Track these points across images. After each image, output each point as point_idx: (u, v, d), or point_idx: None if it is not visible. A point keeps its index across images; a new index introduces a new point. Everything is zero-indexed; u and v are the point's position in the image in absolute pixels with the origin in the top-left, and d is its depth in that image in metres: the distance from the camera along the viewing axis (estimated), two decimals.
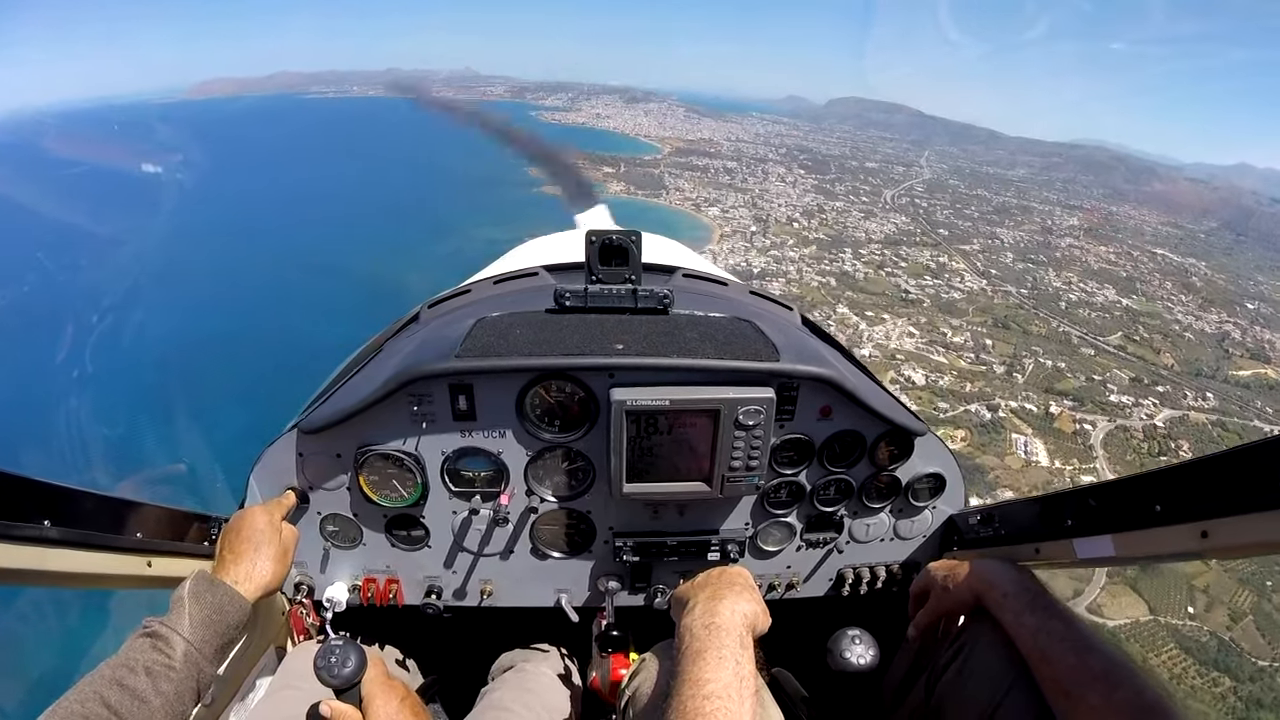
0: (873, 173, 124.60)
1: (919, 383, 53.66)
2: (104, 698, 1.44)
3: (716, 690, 1.38)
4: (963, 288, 74.01)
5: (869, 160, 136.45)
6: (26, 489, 1.53)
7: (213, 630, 1.70)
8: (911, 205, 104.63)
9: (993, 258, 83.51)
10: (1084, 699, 1.46)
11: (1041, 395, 53.75)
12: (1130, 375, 56.92)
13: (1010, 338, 62.63)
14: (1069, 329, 65.32)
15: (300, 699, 1.96)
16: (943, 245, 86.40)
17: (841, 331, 57.64)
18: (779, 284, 68.41)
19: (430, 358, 2.01)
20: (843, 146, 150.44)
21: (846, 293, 70.03)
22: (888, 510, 2.48)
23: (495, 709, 2.26)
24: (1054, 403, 52.39)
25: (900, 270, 77.35)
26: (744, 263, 74.72)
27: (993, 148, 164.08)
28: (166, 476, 28.23)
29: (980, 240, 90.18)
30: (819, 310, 62.85)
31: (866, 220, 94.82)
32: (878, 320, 64.15)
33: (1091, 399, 53.10)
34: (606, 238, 2.21)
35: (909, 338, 61.45)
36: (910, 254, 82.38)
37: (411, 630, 2.84)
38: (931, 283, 74.42)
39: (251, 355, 44.55)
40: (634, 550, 2.34)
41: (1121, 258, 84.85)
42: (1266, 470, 1.26)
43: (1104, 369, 57.84)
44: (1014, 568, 1.87)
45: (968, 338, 62.17)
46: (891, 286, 72.57)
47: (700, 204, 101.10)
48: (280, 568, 2.00)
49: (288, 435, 2.16)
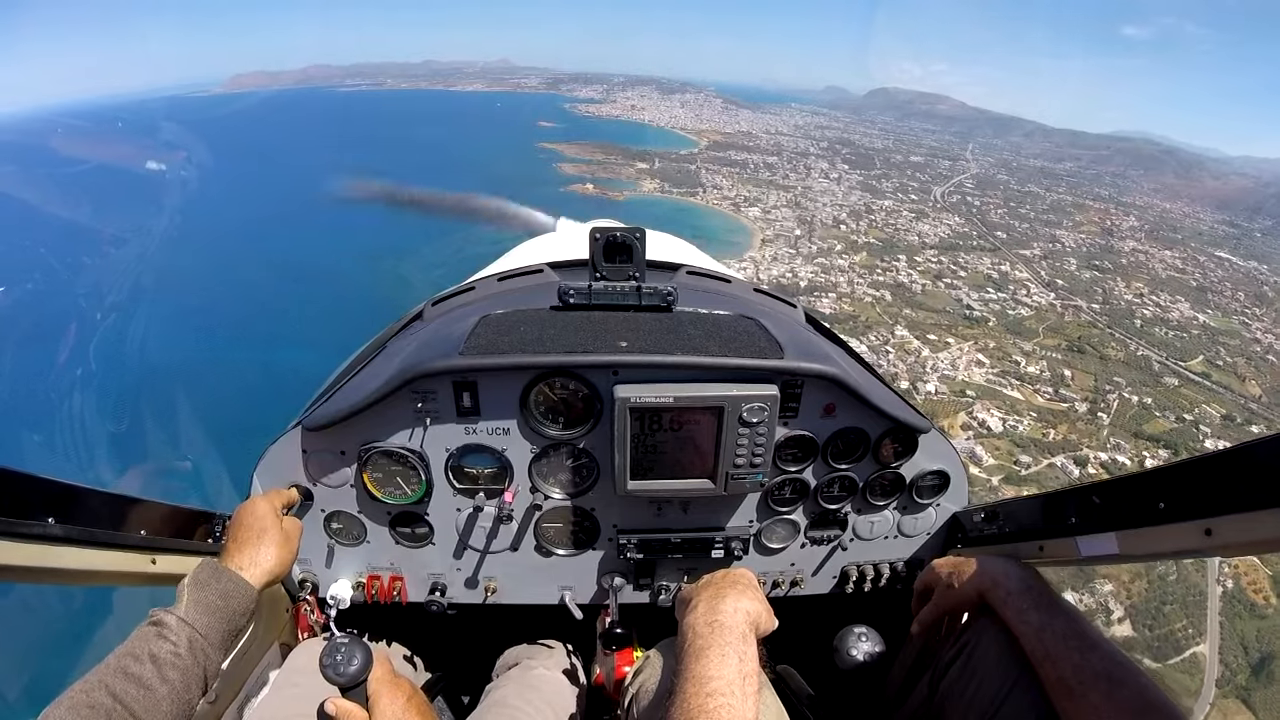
0: (919, 167, 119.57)
1: (995, 429, 46.97)
2: (110, 687, 1.43)
3: (720, 687, 1.40)
4: (1030, 302, 67.48)
5: (913, 154, 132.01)
6: (30, 486, 1.55)
7: (218, 617, 1.68)
8: (963, 204, 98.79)
9: (1056, 265, 77.87)
10: (1086, 697, 1.47)
11: (1132, 441, 47.33)
12: (1221, 412, 50.87)
13: (1088, 365, 56.08)
14: (1148, 352, 59.07)
15: (305, 697, 1.95)
16: (1002, 251, 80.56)
17: (903, 360, 53.29)
18: (829, 300, 62.97)
19: (434, 355, 2.01)
20: (885, 139, 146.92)
21: (904, 310, 63.72)
22: (892, 507, 2.48)
23: (500, 706, 2.27)
24: (1146, 451, 45.99)
25: (960, 281, 71.16)
26: (789, 273, 68.95)
27: (1038, 140, 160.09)
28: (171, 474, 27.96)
29: (1040, 244, 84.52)
30: (874, 333, 57.67)
31: (918, 222, 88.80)
32: (941, 345, 57.10)
33: (1185, 444, 46.19)
34: (611, 235, 2.20)
35: (978, 367, 54.47)
36: (969, 261, 76.18)
37: (416, 628, 2.83)
38: (995, 296, 67.88)
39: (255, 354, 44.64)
40: (638, 547, 2.34)
41: (1188, 263, 79.67)
42: (1271, 468, 1.27)
43: (1191, 403, 51.70)
44: (1018, 565, 1.87)
45: (1043, 367, 55.35)
46: (952, 301, 66.31)
47: (739, 203, 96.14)
48: (285, 554, 1.96)
49: (291, 433, 2.16)
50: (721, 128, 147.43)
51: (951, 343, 57.64)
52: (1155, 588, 32.68)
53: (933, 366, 53.24)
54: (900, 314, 62.77)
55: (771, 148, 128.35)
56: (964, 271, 73.53)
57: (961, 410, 48.04)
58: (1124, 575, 32.73)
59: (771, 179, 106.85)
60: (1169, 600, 32.22)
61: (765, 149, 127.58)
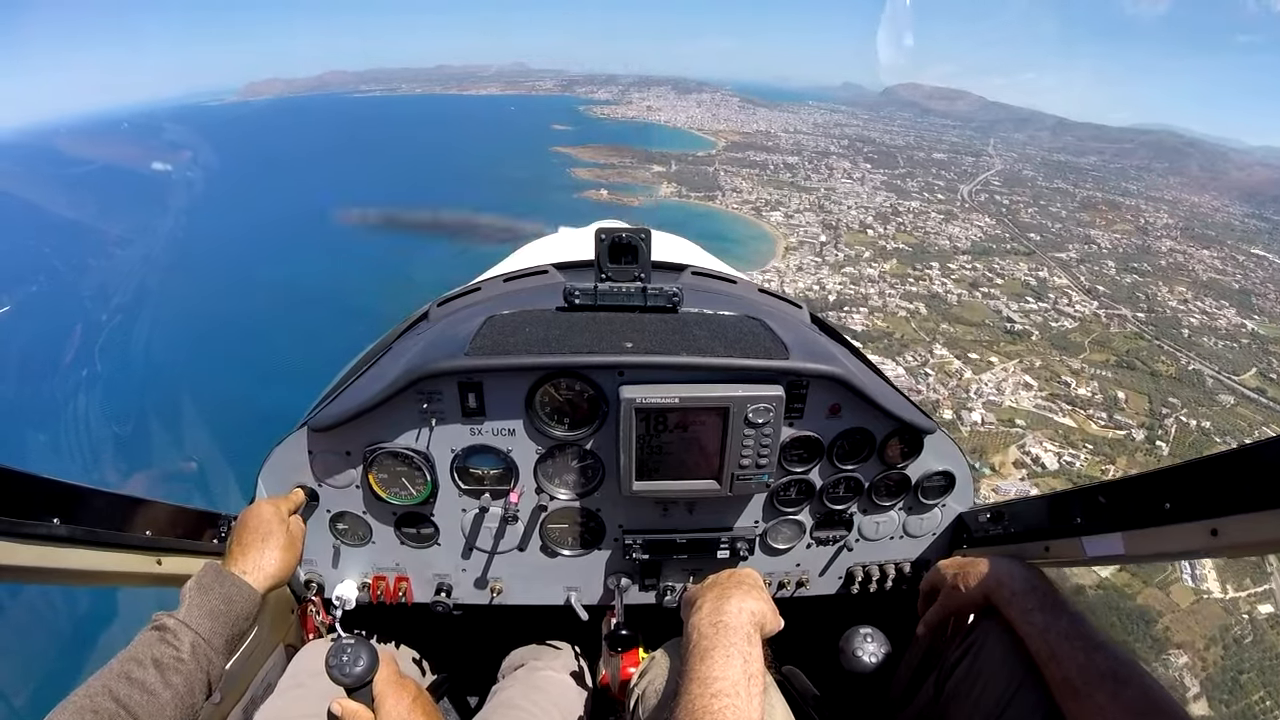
0: (942, 165, 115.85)
1: (1050, 465, 42.32)
2: (113, 692, 1.44)
3: (724, 688, 1.40)
4: (1073, 312, 63.47)
5: (936, 150, 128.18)
6: (36, 487, 1.55)
7: (221, 621, 1.69)
8: (992, 203, 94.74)
9: (1095, 269, 73.92)
10: (1092, 698, 1.47)
11: None
12: None
13: (1140, 383, 52.02)
14: (1199, 365, 55.34)
15: (311, 698, 1.97)
16: (1037, 254, 76.67)
17: (944, 384, 49.46)
18: (860, 316, 59.27)
19: (440, 355, 2.01)
20: (906, 136, 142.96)
21: (942, 325, 59.33)
22: (897, 508, 2.48)
23: (506, 707, 2.27)
24: None
25: (997, 290, 67.09)
26: (816, 285, 65.24)
27: (1060, 134, 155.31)
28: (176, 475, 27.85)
29: (1075, 246, 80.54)
30: (911, 352, 53.93)
31: (948, 224, 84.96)
32: (984, 364, 52.79)
33: None
34: (616, 235, 2.20)
35: (1025, 390, 49.91)
36: (1004, 268, 72.23)
37: (422, 629, 2.83)
38: (1036, 306, 63.86)
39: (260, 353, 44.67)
40: (643, 548, 2.34)
41: (1226, 263, 76.01)
42: (1277, 467, 1.27)
43: (1250, 424, 47.61)
44: (1023, 566, 1.87)
45: (1095, 388, 50.91)
46: (991, 313, 62.24)
47: (760, 207, 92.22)
48: (288, 557, 1.98)
49: (297, 433, 2.17)
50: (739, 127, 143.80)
51: (995, 361, 53.83)
52: (1231, 653, 30.16)
53: (977, 391, 49.23)
54: (938, 330, 58.87)
55: (791, 147, 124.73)
56: (1000, 279, 69.84)
57: (1012, 444, 43.98)
58: (1198, 643, 30.09)
59: (793, 180, 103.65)
60: (1246, 668, 29.74)
61: (785, 149, 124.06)
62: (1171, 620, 32.27)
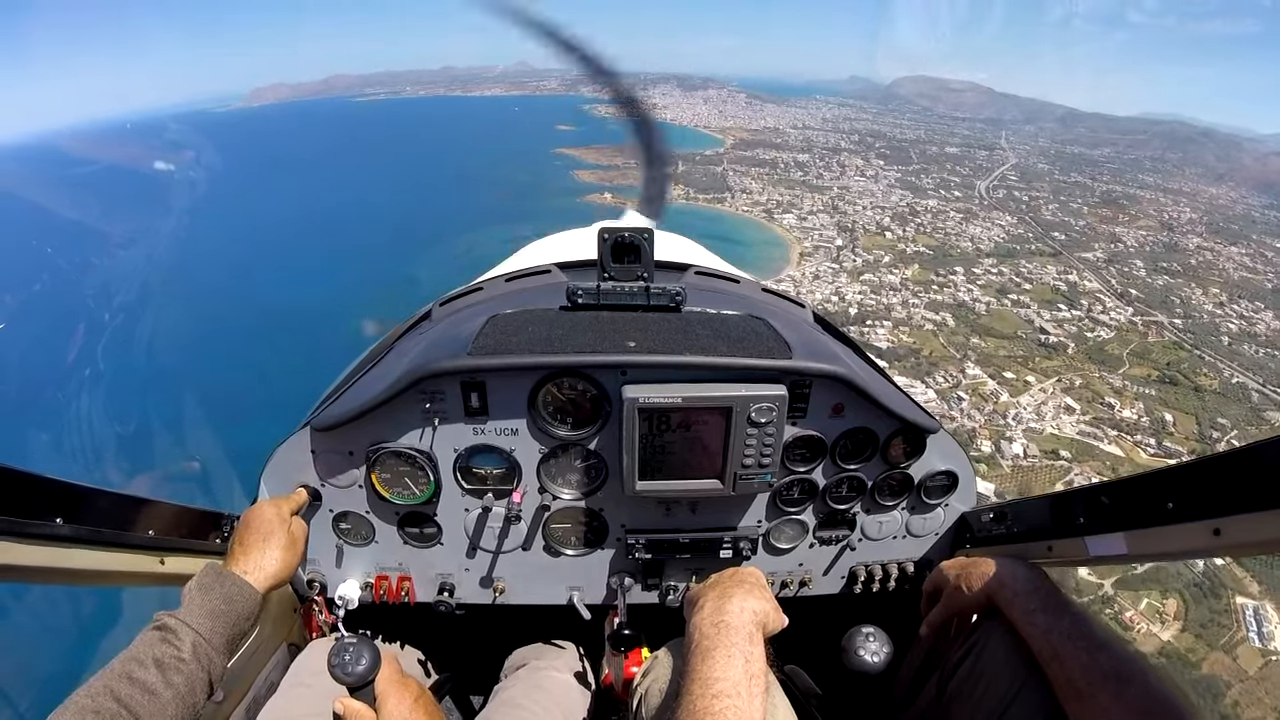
0: (956, 159, 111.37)
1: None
2: (114, 692, 1.45)
3: (726, 689, 1.39)
4: (1108, 320, 59.48)
5: (948, 144, 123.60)
6: (39, 487, 1.56)
7: (222, 621, 1.69)
8: (1011, 199, 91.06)
9: (1124, 271, 70.07)
10: (1095, 698, 1.47)
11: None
12: None
13: (1185, 401, 48.29)
14: (1244, 378, 51.50)
15: (313, 697, 1.97)
16: (1063, 255, 73.00)
17: (979, 409, 45.80)
18: (884, 330, 55.43)
19: (442, 355, 2.01)
20: (917, 129, 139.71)
21: (971, 338, 55.50)
22: (901, 507, 2.46)
23: (508, 706, 2.26)
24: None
25: (1027, 297, 63.26)
26: (834, 295, 61.35)
27: (1070, 126, 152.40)
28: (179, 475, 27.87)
29: (1102, 245, 76.56)
30: (942, 371, 50.20)
31: (968, 224, 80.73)
32: (1020, 385, 48.72)
33: None
34: (619, 235, 2.19)
35: (1067, 414, 45.61)
36: (1031, 271, 68.70)
37: (425, 628, 2.82)
38: (1069, 315, 60.00)
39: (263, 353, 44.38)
40: (646, 547, 2.33)
41: (1256, 260, 72.57)
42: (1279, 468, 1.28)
43: None
44: (1026, 566, 1.86)
45: (1140, 410, 46.94)
46: (1023, 323, 58.46)
47: (772, 209, 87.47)
48: (290, 557, 1.97)
49: (300, 433, 2.16)
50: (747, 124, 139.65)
51: (1031, 381, 49.86)
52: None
53: (1015, 417, 45.11)
54: (968, 344, 55.00)
55: (801, 144, 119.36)
56: (1029, 284, 66.13)
57: (1059, 479, 39.43)
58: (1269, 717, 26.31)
59: (804, 179, 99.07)
60: None
61: (795, 146, 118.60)
62: (1241, 691, 28.50)
